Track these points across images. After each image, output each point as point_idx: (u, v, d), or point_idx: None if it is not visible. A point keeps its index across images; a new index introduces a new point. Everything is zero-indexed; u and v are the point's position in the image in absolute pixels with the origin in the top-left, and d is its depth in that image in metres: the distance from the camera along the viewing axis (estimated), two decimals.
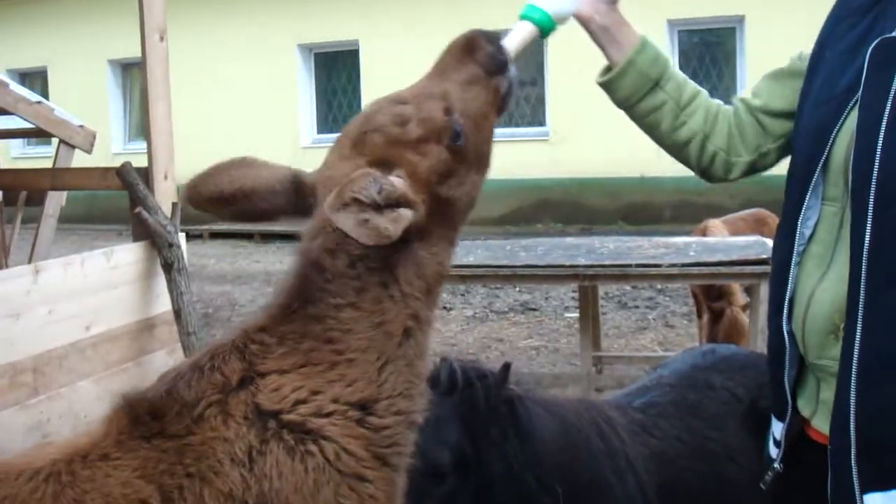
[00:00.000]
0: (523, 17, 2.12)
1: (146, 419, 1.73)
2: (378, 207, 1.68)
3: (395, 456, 1.83)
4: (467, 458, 2.62)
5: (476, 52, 1.94)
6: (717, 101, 2.34)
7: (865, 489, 1.83)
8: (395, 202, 1.71)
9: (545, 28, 2.12)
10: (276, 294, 1.89)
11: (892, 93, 1.81)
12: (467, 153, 1.87)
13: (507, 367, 2.76)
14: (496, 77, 1.95)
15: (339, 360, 1.77)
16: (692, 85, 2.31)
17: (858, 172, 1.84)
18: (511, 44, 2.05)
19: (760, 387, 2.93)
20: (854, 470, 1.84)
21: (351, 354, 1.77)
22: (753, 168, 2.31)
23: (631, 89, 2.26)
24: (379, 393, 1.79)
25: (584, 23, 2.26)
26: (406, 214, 1.72)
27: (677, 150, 2.33)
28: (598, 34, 2.26)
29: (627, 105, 2.29)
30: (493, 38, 1.97)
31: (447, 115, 1.85)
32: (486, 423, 2.67)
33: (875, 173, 1.80)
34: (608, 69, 2.30)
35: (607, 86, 2.30)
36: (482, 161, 1.94)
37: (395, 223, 1.70)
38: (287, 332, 1.79)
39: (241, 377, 1.75)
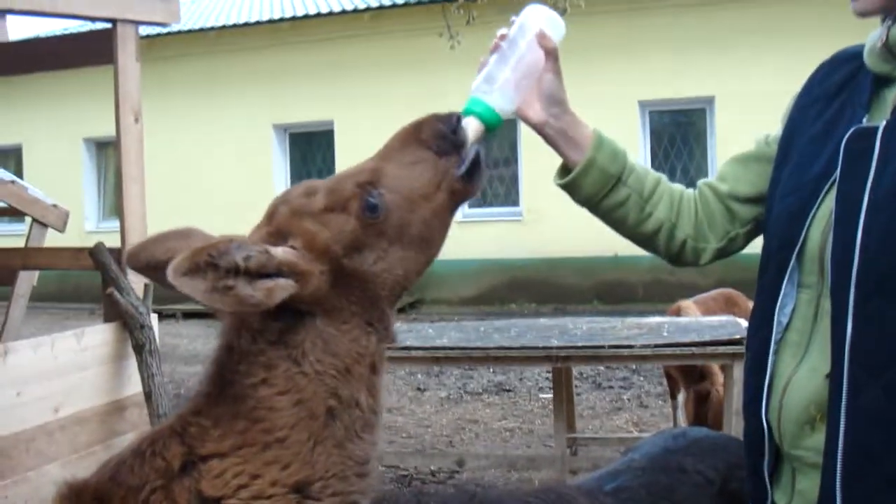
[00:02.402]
0: (467, 112, 2.02)
1: None
2: (246, 275, 1.62)
3: None
4: None
5: (424, 133, 1.89)
6: (679, 186, 2.31)
7: None
8: (273, 271, 1.66)
9: (491, 123, 2.03)
10: (200, 380, 1.85)
11: (870, 182, 1.78)
12: (386, 228, 1.81)
13: None
14: (447, 157, 1.89)
15: (270, 441, 1.73)
16: (652, 173, 2.27)
17: (838, 264, 1.81)
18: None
19: (731, 468, 2.92)
20: None
21: (279, 433, 1.73)
22: (723, 253, 2.29)
23: (594, 188, 2.20)
24: (313, 474, 1.74)
25: (538, 127, 2.20)
26: (284, 285, 1.66)
27: (645, 241, 2.29)
28: (555, 137, 2.20)
29: (591, 204, 2.24)
30: (447, 119, 1.92)
31: (360, 187, 1.81)
32: None
33: (855, 265, 1.77)
34: (565, 169, 2.24)
35: (569, 187, 2.23)
36: (414, 240, 1.85)
37: (268, 293, 1.64)
38: (221, 414, 1.75)
39: (182, 462, 1.72)
